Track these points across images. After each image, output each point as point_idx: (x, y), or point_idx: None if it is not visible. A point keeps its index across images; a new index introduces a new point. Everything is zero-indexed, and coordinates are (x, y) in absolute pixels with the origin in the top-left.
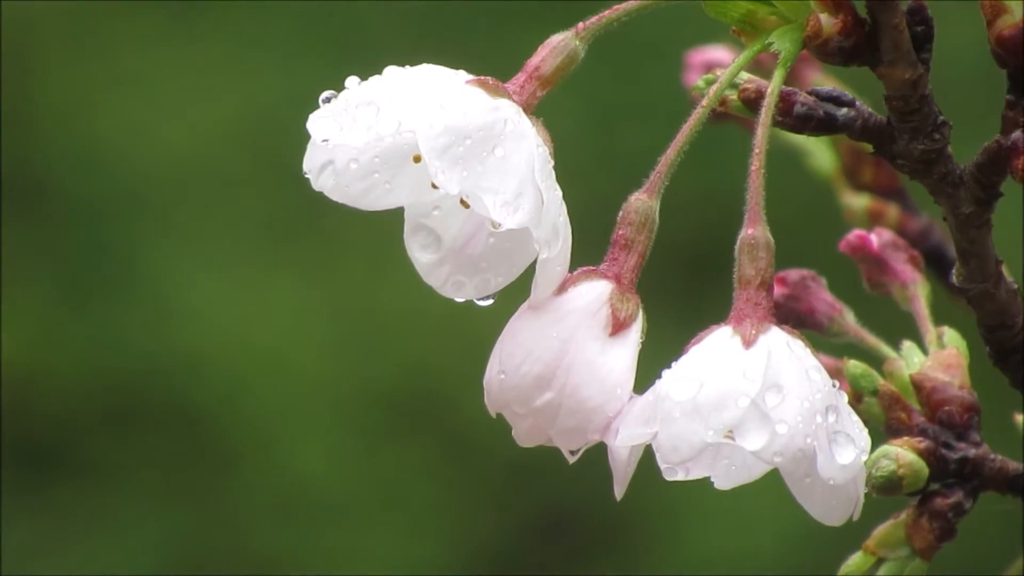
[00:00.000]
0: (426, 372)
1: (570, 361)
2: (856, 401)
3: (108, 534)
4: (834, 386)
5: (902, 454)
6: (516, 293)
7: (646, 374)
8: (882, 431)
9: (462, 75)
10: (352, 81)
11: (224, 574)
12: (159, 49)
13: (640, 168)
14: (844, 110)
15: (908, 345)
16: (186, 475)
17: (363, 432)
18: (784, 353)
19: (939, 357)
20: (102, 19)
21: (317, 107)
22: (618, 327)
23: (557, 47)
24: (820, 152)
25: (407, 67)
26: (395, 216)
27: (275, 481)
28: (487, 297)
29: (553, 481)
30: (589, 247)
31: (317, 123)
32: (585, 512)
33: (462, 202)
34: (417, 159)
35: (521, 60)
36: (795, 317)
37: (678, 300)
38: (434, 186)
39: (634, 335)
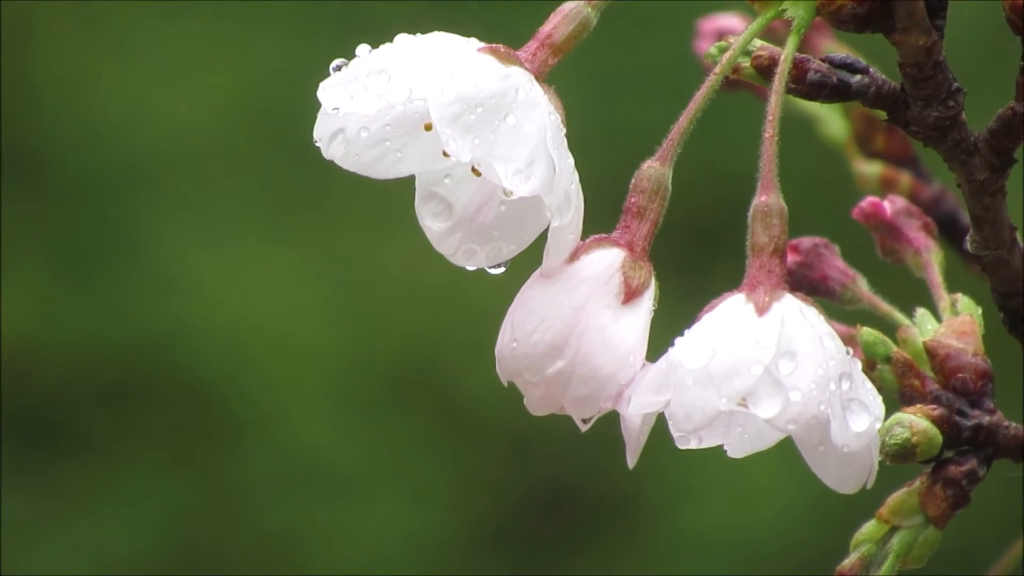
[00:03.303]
0: (426, 345)
1: (582, 329)
2: (869, 368)
3: (108, 509)
4: (848, 353)
5: (916, 421)
6: (522, 265)
7: (651, 344)
8: (895, 399)
9: (473, 43)
10: (363, 49)
11: (225, 547)
12: (160, 23)
13: (639, 138)
14: (858, 77)
15: (922, 312)
16: (186, 450)
17: (363, 405)
18: (798, 320)
19: (953, 324)
20: None
21: (318, 81)
22: (630, 295)
23: (569, 14)
24: (832, 119)
25: (418, 35)
26: (394, 189)
27: (276, 455)
28: (499, 265)
29: (554, 455)
30: (589, 218)
31: (328, 91)
32: (586, 486)
33: (474, 170)
34: (428, 127)
35: (523, 38)
36: (808, 285)
37: (679, 271)
38: (445, 154)
39: (647, 303)
